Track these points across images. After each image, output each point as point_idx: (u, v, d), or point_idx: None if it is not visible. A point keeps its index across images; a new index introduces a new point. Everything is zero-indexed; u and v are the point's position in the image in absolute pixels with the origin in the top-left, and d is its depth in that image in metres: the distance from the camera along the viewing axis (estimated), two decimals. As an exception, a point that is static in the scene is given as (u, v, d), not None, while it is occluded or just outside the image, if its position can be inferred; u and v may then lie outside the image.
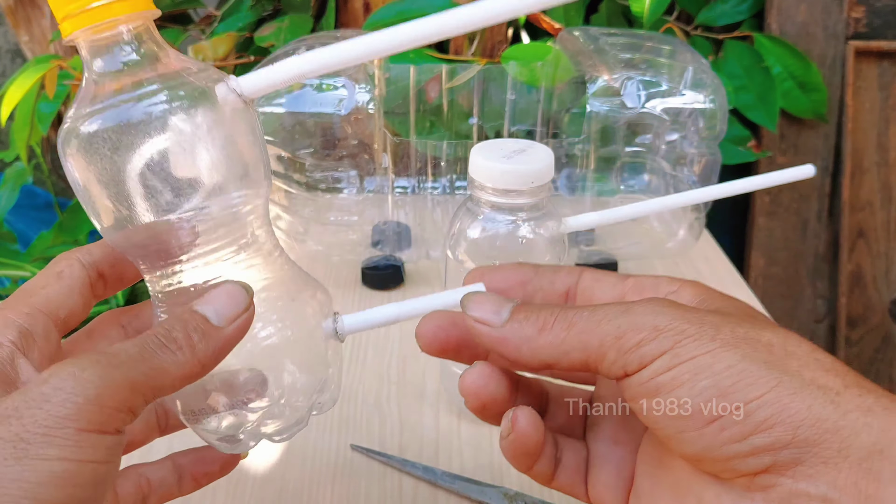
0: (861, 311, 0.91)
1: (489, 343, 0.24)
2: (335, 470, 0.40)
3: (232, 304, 0.24)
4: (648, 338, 0.22)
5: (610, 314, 0.23)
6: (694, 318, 0.22)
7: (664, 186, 0.57)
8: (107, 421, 0.21)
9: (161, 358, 0.23)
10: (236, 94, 0.26)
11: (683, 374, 0.21)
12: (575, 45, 0.58)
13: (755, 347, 0.21)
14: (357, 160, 0.52)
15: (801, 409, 0.20)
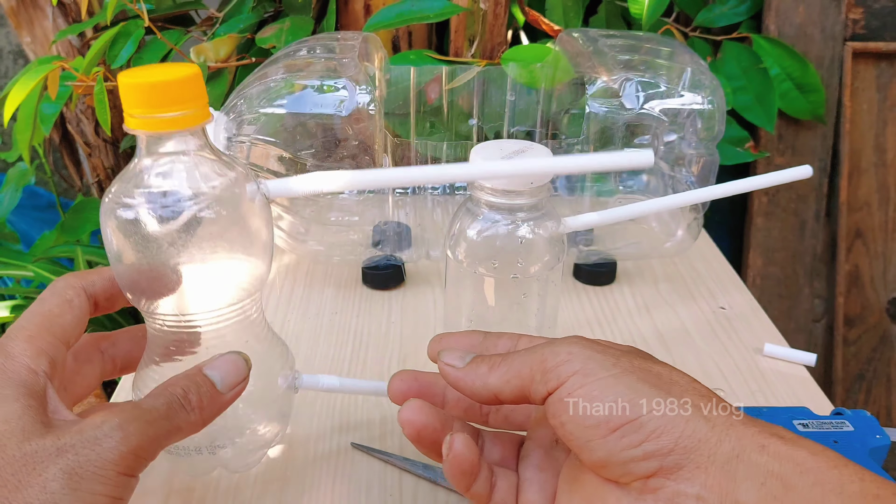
0: (859, 311, 0.91)
1: (453, 381, 0.31)
2: (336, 468, 0.40)
3: (235, 374, 0.31)
4: (563, 360, 0.28)
5: (538, 348, 0.29)
6: (600, 349, 0.28)
7: (662, 187, 0.57)
8: (137, 467, 0.27)
9: (180, 418, 0.29)
10: (262, 195, 0.32)
11: (594, 391, 0.27)
12: (574, 47, 0.58)
13: (647, 374, 0.27)
14: (358, 161, 0.52)
15: (681, 423, 0.26)
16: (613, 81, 0.52)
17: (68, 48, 0.92)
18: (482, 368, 0.31)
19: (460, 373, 0.31)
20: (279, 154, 0.52)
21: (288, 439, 0.42)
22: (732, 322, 0.54)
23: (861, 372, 0.92)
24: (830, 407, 0.45)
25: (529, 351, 0.30)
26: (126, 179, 0.30)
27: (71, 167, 1.07)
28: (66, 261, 1.01)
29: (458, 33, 0.74)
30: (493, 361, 0.31)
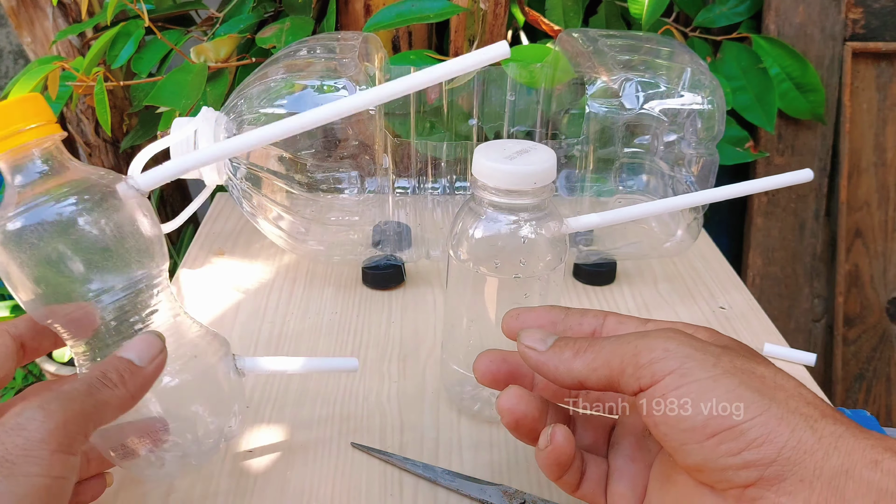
0: (858, 311, 0.91)
1: (534, 364, 0.30)
2: (336, 468, 0.40)
3: (149, 349, 0.31)
4: (659, 357, 0.26)
5: (630, 338, 0.27)
6: (699, 346, 0.26)
7: (662, 187, 0.57)
8: (70, 443, 0.27)
9: (103, 393, 0.29)
10: (135, 190, 0.33)
11: (691, 393, 0.25)
12: (574, 47, 0.58)
13: (750, 377, 0.25)
14: (358, 161, 0.52)
15: (785, 432, 0.24)
16: (613, 81, 0.52)
17: (68, 48, 0.92)
18: (566, 353, 0.29)
19: (543, 357, 0.29)
20: (279, 154, 0.52)
21: (288, 439, 0.42)
22: (732, 322, 0.54)
23: (861, 372, 0.92)
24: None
25: (621, 340, 0.28)
26: (3, 206, 0.31)
27: (71, 167, 1.07)
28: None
29: (458, 33, 0.74)
30: (579, 346, 0.29)
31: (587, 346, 0.29)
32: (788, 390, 0.25)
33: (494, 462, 0.41)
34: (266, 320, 0.54)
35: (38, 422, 0.26)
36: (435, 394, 0.46)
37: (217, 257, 0.62)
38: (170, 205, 1.08)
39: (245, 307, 0.55)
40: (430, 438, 0.43)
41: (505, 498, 0.39)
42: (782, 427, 0.24)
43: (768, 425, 0.24)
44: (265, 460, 0.41)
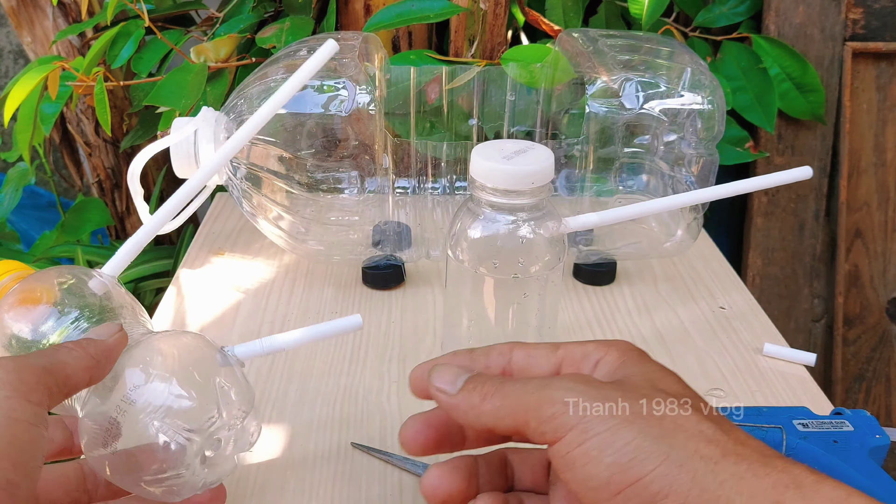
0: (858, 311, 0.91)
1: (446, 408, 0.29)
2: (336, 468, 0.40)
3: (107, 328, 0.32)
4: (559, 411, 0.26)
5: (533, 387, 0.27)
6: (598, 395, 0.26)
7: (662, 187, 0.57)
8: (30, 391, 0.26)
9: (61, 353, 0.29)
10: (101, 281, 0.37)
11: (591, 451, 0.25)
12: (574, 47, 0.58)
13: (648, 422, 0.25)
14: (358, 161, 0.52)
15: (687, 481, 0.24)
16: (613, 81, 0.52)
17: (68, 48, 0.92)
18: (475, 397, 0.28)
19: (453, 400, 0.29)
20: (279, 154, 0.52)
21: (288, 439, 0.42)
22: (732, 322, 0.54)
23: (861, 372, 0.92)
24: (830, 407, 0.45)
25: (525, 388, 0.27)
26: None
27: (71, 167, 1.07)
28: (67, 260, 1.01)
29: (458, 33, 0.74)
30: (487, 390, 0.28)
31: (494, 389, 0.28)
32: (687, 430, 0.25)
33: (494, 462, 0.41)
34: (266, 320, 0.54)
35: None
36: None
37: (217, 257, 0.62)
38: (170, 205, 1.07)
39: (245, 307, 0.55)
40: (430, 438, 0.43)
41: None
42: (683, 474, 0.24)
43: (669, 474, 0.24)
44: (265, 461, 0.41)
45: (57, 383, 0.28)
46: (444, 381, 0.29)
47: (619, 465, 0.24)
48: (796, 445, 0.39)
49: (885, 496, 0.36)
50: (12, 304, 0.35)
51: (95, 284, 0.36)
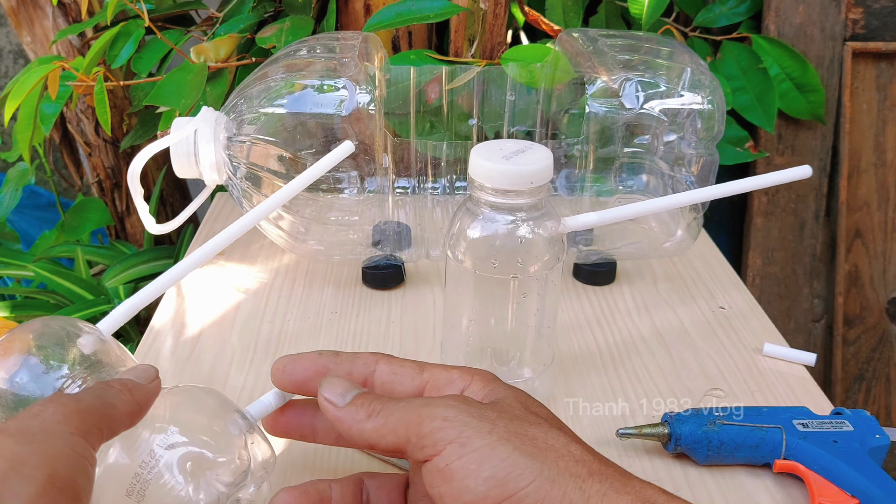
0: (858, 311, 0.91)
1: (332, 419, 0.30)
2: (336, 468, 0.40)
3: (146, 372, 0.31)
4: (439, 426, 0.27)
5: (416, 405, 0.28)
6: (476, 413, 0.28)
7: (662, 187, 0.57)
8: (88, 431, 0.26)
9: (111, 395, 0.29)
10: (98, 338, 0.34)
11: (470, 464, 0.26)
12: (574, 47, 0.58)
13: (523, 441, 0.27)
14: (358, 160, 0.53)
15: (559, 496, 0.26)
16: (613, 81, 0.52)
17: (68, 48, 0.92)
18: (361, 413, 0.29)
19: (340, 413, 0.30)
20: (279, 154, 0.52)
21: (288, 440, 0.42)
22: (732, 322, 0.54)
23: (860, 372, 0.92)
24: (830, 407, 0.45)
25: (408, 407, 0.29)
26: None
27: (71, 167, 1.07)
28: (66, 261, 1.01)
29: (458, 33, 0.74)
30: (374, 408, 0.29)
31: (380, 408, 0.29)
32: (558, 450, 0.27)
33: (493, 462, 0.41)
34: (266, 320, 0.54)
35: (53, 409, 0.26)
36: (434, 393, 0.46)
37: (217, 257, 0.62)
38: (170, 204, 1.08)
39: (245, 307, 0.55)
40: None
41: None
42: (555, 490, 0.26)
43: (542, 490, 0.25)
44: (264, 460, 0.41)
45: (107, 426, 0.28)
46: (334, 393, 0.30)
47: (496, 480, 0.26)
48: (796, 445, 0.39)
49: (885, 496, 0.36)
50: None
51: (86, 342, 0.34)
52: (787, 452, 0.39)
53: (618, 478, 0.27)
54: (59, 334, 0.33)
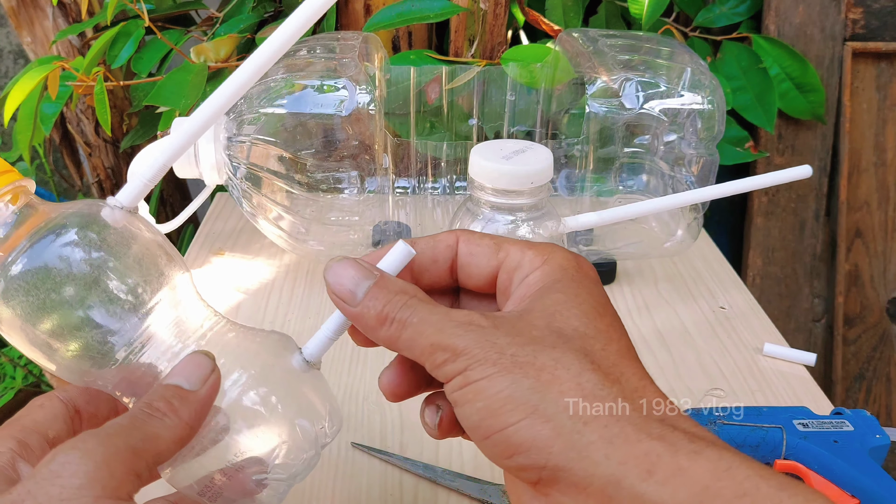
0: (858, 311, 0.91)
1: (347, 315, 0.27)
2: (336, 468, 0.40)
3: (198, 370, 0.27)
4: (450, 359, 0.25)
5: (429, 330, 0.25)
6: (486, 343, 0.25)
7: (662, 187, 0.57)
8: (119, 486, 0.23)
9: (151, 425, 0.25)
10: (120, 209, 0.29)
11: (468, 395, 0.24)
12: (574, 47, 0.58)
13: (526, 373, 0.24)
14: (358, 161, 0.52)
15: (552, 437, 0.23)
16: (613, 81, 0.52)
17: (68, 48, 0.92)
18: (371, 320, 0.26)
19: (352, 311, 0.26)
20: (279, 154, 0.52)
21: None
22: (732, 322, 0.54)
23: (861, 371, 0.92)
24: (830, 406, 0.45)
25: (423, 326, 0.25)
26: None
27: (71, 167, 1.07)
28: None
29: (458, 33, 0.74)
30: (386, 314, 0.26)
31: (393, 316, 0.26)
32: (564, 383, 0.24)
33: (494, 462, 0.41)
34: (266, 320, 0.54)
35: (74, 465, 0.22)
36: (435, 393, 0.46)
37: (217, 257, 0.62)
38: (170, 204, 1.08)
39: (245, 307, 0.55)
40: (431, 438, 0.43)
41: (505, 497, 0.39)
42: (547, 430, 0.23)
43: (533, 429, 0.23)
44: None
45: (147, 466, 0.24)
46: (344, 288, 0.27)
47: (488, 411, 0.24)
48: (797, 445, 0.39)
49: (886, 496, 0.36)
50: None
51: (109, 214, 0.29)
52: (787, 452, 0.39)
53: (634, 421, 0.23)
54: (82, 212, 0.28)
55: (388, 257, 0.27)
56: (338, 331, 0.29)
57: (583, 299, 0.27)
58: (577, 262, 0.28)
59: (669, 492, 0.21)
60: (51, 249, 0.27)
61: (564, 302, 0.26)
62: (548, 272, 0.27)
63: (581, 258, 0.28)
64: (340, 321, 0.29)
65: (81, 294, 0.27)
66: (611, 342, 0.26)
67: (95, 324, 0.27)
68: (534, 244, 0.28)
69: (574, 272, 0.27)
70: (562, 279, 0.27)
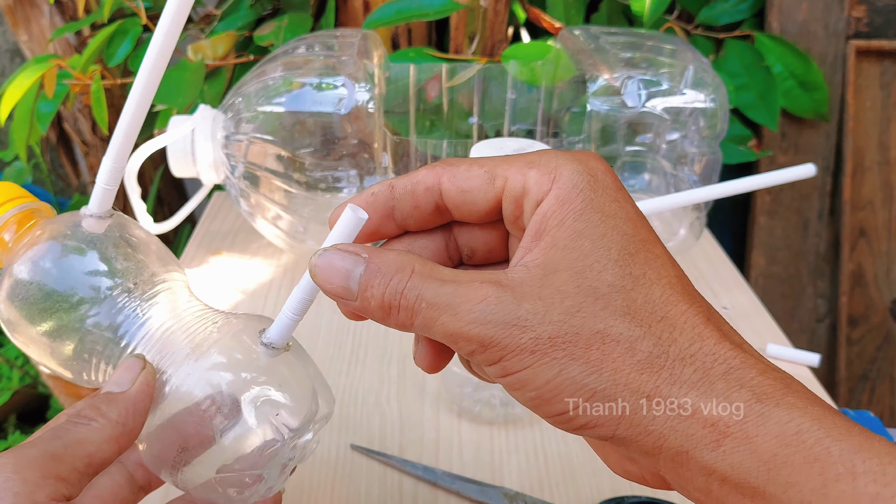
0: (862, 311, 0.91)
1: (350, 312, 0.25)
2: (335, 470, 0.40)
3: (128, 373, 0.27)
4: (478, 350, 0.22)
5: (443, 316, 0.23)
6: (514, 326, 0.22)
7: (665, 186, 0.56)
8: (34, 490, 0.22)
9: (76, 431, 0.25)
10: (95, 218, 0.30)
11: (514, 384, 0.22)
12: (575, 44, 0.58)
13: (572, 354, 0.22)
14: (357, 159, 0.52)
15: (616, 417, 0.22)
16: (615, 79, 0.52)
17: (65, 46, 0.92)
18: (376, 312, 0.24)
19: (356, 307, 0.24)
20: (277, 152, 0.52)
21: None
22: (735, 322, 0.54)
23: (865, 372, 0.92)
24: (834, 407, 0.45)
25: (428, 313, 0.23)
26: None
27: (68, 166, 1.07)
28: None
29: (458, 30, 0.74)
30: (389, 302, 0.23)
31: (398, 303, 0.23)
32: (616, 358, 0.22)
33: (495, 464, 0.41)
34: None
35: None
36: (435, 395, 0.46)
37: (215, 257, 0.62)
38: (167, 204, 1.07)
39: (243, 307, 0.55)
40: (431, 440, 0.42)
41: (505, 500, 0.38)
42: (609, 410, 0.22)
43: (596, 411, 0.22)
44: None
45: (75, 469, 0.24)
46: (337, 287, 0.24)
47: (542, 399, 0.22)
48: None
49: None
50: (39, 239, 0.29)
51: (91, 224, 0.30)
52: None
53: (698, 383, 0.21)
54: (65, 222, 0.30)
55: (338, 229, 0.24)
56: (299, 310, 0.28)
57: (610, 239, 0.23)
58: (590, 175, 0.24)
59: (738, 461, 0.20)
60: (38, 262, 0.29)
61: (591, 251, 0.23)
62: (562, 198, 0.24)
63: (592, 162, 0.24)
64: (301, 299, 0.27)
65: (73, 300, 0.28)
66: (653, 286, 0.23)
67: (90, 324, 0.28)
68: (533, 159, 0.25)
69: (590, 192, 0.24)
70: (582, 209, 0.23)
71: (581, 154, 0.25)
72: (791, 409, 0.21)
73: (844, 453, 0.20)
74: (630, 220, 0.24)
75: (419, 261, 0.24)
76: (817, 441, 0.20)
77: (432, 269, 0.23)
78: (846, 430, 0.20)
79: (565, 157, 0.24)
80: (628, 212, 0.24)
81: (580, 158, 0.24)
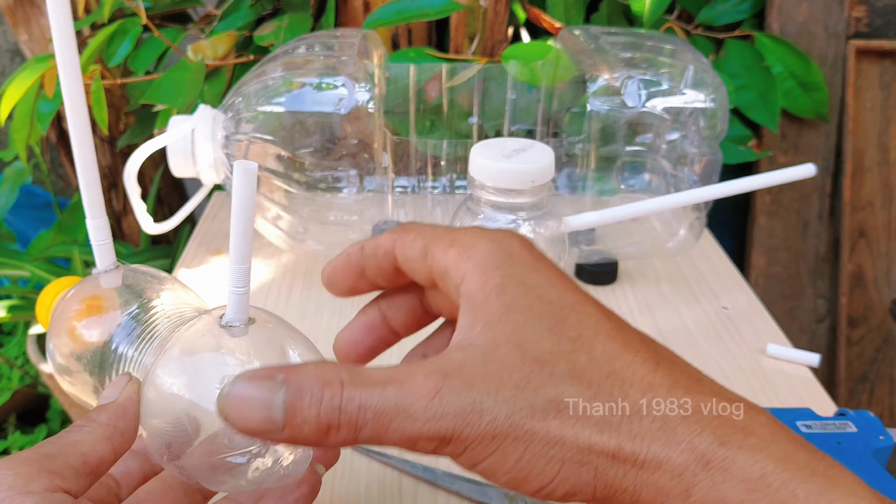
0: (862, 311, 0.91)
1: (279, 443, 0.26)
2: (335, 470, 0.40)
3: (115, 387, 0.28)
4: (440, 446, 0.22)
5: (393, 422, 0.21)
6: (470, 414, 0.21)
7: (665, 186, 0.56)
8: (27, 482, 0.23)
9: (69, 435, 0.26)
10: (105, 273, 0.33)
11: (485, 471, 0.22)
12: (575, 44, 0.58)
13: (534, 431, 0.22)
14: (357, 159, 0.52)
15: (589, 481, 0.22)
16: (615, 79, 0.52)
17: (66, 46, 0.92)
18: (311, 436, 0.21)
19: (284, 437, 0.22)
20: (277, 152, 0.52)
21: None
22: (735, 322, 0.54)
23: (864, 372, 0.92)
24: (834, 408, 0.45)
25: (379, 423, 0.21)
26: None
27: (68, 166, 1.07)
28: (63, 260, 1.01)
29: (458, 31, 0.74)
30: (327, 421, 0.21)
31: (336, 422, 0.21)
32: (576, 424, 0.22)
33: (494, 465, 0.41)
34: (263, 320, 0.53)
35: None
36: (434, 395, 0.46)
37: (215, 257, 0.62)
38: (167, 204, 1.07)
39: (242, 307, 0.55)
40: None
41: (506, 500, 0.38)
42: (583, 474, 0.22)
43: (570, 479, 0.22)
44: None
45: (69, 465, 0.25)
46: (256, 421, 0.21)
47: (516, 481, 0.22)
48: (802, 448, 0.38)
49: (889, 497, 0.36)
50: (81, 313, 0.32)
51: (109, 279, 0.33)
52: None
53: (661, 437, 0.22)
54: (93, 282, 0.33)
55: (237, 191, 0.25)
56: (242, 282, 0.27)
57: (538, 309, 0.23)
58: (504, 252, 0.24)
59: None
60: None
61: (523, 324, 0.23)
62: (480, 277, 0.24)
63: (507, 240, 0.25)
64: (237, 270, 0.27)
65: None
66: (593, 344, 0.23)
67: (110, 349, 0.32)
68: (455, 237, 0.25)
69: (508, 267, 0.24)
70: (503, 285, 0.24)
71: (497, 233, 0.25)
72: (754, 451, 0.21)
73: (811, 495, 0.20)
74: (553, 286, 0.24)
75: (343, 368, 0.22)
76: (782, 484, 0.20)
77: (361, 375, 0.22)
78: (810, 469, 0.21)
79: (480, 236, 0.25)
80: (551, 279, 0.24)
81: (494, 237, 0.25)
